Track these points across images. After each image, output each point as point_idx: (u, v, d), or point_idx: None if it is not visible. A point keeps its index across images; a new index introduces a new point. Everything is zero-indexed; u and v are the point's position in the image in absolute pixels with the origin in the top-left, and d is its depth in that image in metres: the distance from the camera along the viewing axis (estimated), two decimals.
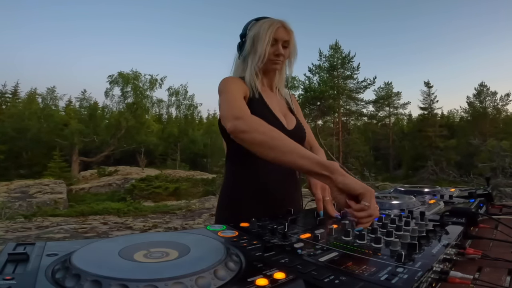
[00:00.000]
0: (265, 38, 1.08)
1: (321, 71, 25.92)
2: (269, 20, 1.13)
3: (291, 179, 1.20)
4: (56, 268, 0.42)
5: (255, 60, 1.12)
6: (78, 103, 28.90)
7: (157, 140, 27.70)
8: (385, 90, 31.39)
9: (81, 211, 8.93)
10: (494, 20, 50.11)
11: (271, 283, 0.41)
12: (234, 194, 1.14)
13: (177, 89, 29.57)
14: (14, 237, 5.63)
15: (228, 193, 1.16)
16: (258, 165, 1.10)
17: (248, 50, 1.14)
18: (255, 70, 1.13)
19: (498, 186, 8.10)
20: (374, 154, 31.10)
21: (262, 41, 1.09)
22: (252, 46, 1.12)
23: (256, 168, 1.11)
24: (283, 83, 1.28)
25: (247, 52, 1.14)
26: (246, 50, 1.14)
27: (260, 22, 1.13)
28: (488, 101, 29.26)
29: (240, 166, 1.13)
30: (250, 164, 1.11)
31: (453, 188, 1.47)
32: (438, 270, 0.54)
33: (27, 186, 13.60)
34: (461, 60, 54.98)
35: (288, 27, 1.14)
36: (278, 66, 1.16)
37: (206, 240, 0.56)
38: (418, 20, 53.30)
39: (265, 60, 1.11)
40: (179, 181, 16.72)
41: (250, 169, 1.11)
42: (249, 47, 1.13)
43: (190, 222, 7.32)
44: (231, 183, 1.16)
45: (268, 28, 1.09)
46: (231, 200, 1.14)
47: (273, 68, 1.16)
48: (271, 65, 1.14)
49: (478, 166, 13.24)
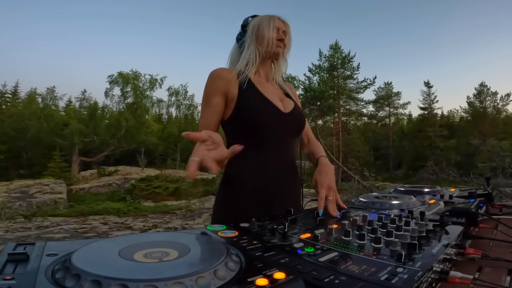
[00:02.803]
0: (269, 24, 1.18)
1: (321, 71, 25.90)
2: (267, 14, 1.23)
3: (291, 178, 1.20)
4: (56, 268, 0.42)
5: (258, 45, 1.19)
6: (78, 103, 29.02)
7: (157, 140, 27.72)
8: (385, 90, 31.39)
9: (81, 211, 8.93)
10: (494, 20, 50.16)
11: (271, 283, 0.41)
12: (231, 192, 1.14)
13: (177, 89, 29.65)
14: (14, 237, 5.63)
15: (225, 191, 1.16)
16: (258, 163, 1.11)
17: (249, 36, 1.20)
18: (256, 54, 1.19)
19: (498, 186, 8.09)
20: (374, 154, 31.09)
21: (266, 28, 1.18)
22: (256, 32, 1.19)
23: (256, 166, 1.11)
24: (280, 74, 1.31)
25: (249, 38, 1.20)
26: (248, 36, 1.21)
27: (259, 16, 1.23)
28: (488, 101, 29.25)
29: (238, 164, 1.12)
30: (249, 162, 1.11)
31: (453, 188, 1.47)
32: (438, 270, 0.54)
33: (27, 186, 13.60)
34: (461, 60, 55.04)
35: (285, 20, 1.24)
36: (280, 50, 1.21)
37: (206, 240, 0.56)
38: (418, 20, 53.34)
39: (270, 44, 1.17)
40: (179, 181, 16.70)
41: (249, 167, 1.11)
42: (251, 33, 1.20)
43: (190, 222, 7.32)
44: (229, 182, 1.15)
45: (270, 18, 1.20)
46: (229, 199, 1.14)
47: (275, 52, 1.20)
48: (274, 48, 1.19)
49: (478, 166, 13.26)
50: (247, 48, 1.20)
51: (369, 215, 0.83)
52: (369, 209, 0.98)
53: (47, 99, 27.45)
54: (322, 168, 1.08)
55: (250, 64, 1.18)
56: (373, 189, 11.41)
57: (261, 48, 1.19)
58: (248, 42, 1.21)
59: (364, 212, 0.92)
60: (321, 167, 1.09)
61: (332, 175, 1.06)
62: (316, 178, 1.04)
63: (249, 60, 1.18)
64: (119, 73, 25.50)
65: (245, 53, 1.20)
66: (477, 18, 51.04)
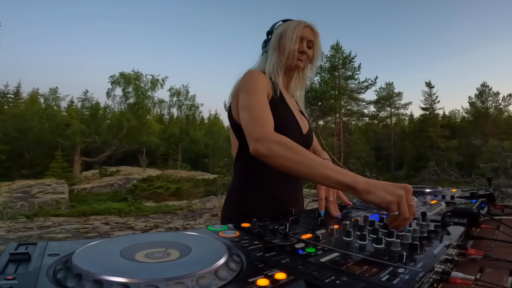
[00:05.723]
0: (292, 35, 1.10)
1: (322, 71, 25.86)
2: (296, 20, 1.15)
3: (298, 181, 1.20)
4: (58, 268, 0.42)
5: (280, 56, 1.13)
6: (80, 104, 29.06)
7: (158, 140, 27.78)
8: (386, 91, 31.32)
9: (82, 211, 8.93)
10: (496, 20, 50.01)
11: (272, 284, 0.41)
12: (243, 194, 1.12)
13: (179, 90, 29.65)
14: (16, 237, 5.64)
15: (236, 193, 1.14)
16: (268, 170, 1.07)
17: (273, 46, 1.14)
18: (278, 65, 1.13)
19: (500, 186, 8.07)
20: (375, 155, 31.05)
21: (288, 38, 1.10)
22: (279, 41, 1.13)
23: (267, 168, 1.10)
24: (304, 85, 1.26)
25: (272, 47, 1.15)
26: (270, 45, 1.15)
27: (288, 22, 1.16)
28: (490, 101, 29.17)
29: (251, 166, 1.09)
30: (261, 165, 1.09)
31: (455, 189, 1.47)
32: (440, 270, 0.54)
33: (29, 186, 13.65)
34: (463, 60, 54.92)
35: (315, 29, 1.16)
36: (301, 64, 1.15)
37: (207, 240, 0.56)
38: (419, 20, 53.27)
39: (290, 56, 1.11)
40: (180, 181, 16.74)
41: (261, 169, 1.08)
42: (274, 42, 1.14)
43: (191, 222, 7.32)
44: (241, 183, 1.13)
45: (295, 26, 1.11)
46: (240, 200, 1.12)
47: (296, 65, 1.14)
48: (295, 61, 1.13)
49: (480, 166, 13.21)
50: (270, 58, 1.14)
51: (370, 216, 0.83)
52: (371, 210, 0.98)
53: (49, 100, 27.48)
54: None
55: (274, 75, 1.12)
56: None
57: (282, 58, 1.13)
58: (270, 51, 1.15)
59: (365, 213, 0.92)
60: None
61: None
62: None
63: (270, 73, 1.12)
64: (120, 73, 25.58)
65: (269, 63, 1.14)
66: (479, 18, 50.97)
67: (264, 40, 1.20)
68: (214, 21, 60.71)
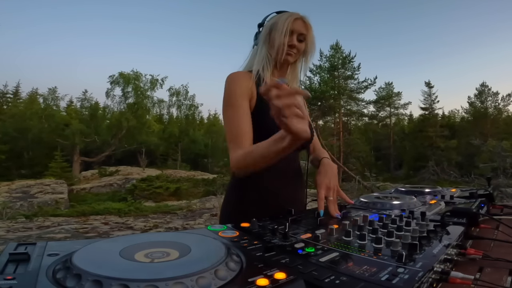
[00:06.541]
0: (282, 27, 1.06)
1: (322, 71, 25.88)
2: (288, 12, 1.11)
3: (298, 181, 1.20)
4: (57, 268, 0.42)
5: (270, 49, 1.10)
6: (79, 103, 29.05)
7: (158, 140, 27.74)
8: (385, 90, 31.37)
9: (82, 211, 8.93)
10: (495, 20, 50.06)
11: (272, 283, 0.41)
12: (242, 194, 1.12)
13: (178, 90, 29.65)
14: (15, 237, 5.63)
15: (235, 193, 1.14)
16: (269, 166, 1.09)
17: (262, 38, 1.12)
18: (267, 58, 1.11)
19: (499, 186, 8.07)
20: (375, 155, 31.08)
21: (278, 31, 1.07)
22: (268, 34, 1.10)
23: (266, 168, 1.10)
24: (297, 80, 1.22)
25: (262, 40, 1.12)
26: (260, 38, 1.12)
27: (280, 14, 1.12)
28: (489, 101, 29.24)
29: None
30: None
31: (454, 189, 1.47)
32: (439, 270, 0.54)
33: (28, 186, 13.63)
34: (462, 60, 55.04)
35: (307, 21, 1.12)
36: (290, 58, 1.11)
37: (206, 240, 0.56)
38: (419, 20, 53.29)
39: (279, 50, 1.07)
40: (180, 181, 16.73)
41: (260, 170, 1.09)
42: (265, 35, 1.11)
43: (191, 222, 7.32)
44: (240, 183, 1.13)
45: (286, 19, 1.07)
46: (239, 200, 1.12)
47: (285, 59, 1.11)
48: (284, 55, 1.09)
49: (479, 166, 13.21)
50: (259, 52, 1.12)
51: (370, 215, 0.83)
52: (370, 209, 0.98)
53: (49, 100, 27.47)
54: (322, 168, 1.08)
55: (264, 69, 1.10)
56: (374, 189, 11.40)
57: (272, 52, 1.10)
58: (260, 44, 1.13)
59: (365, 212, 0.92)
60: (322, 167, 1.08)
61: (332, 174, 1.04)
62: (316, 179, 1.03)
63: (262, 65, 1.10)
64: (120, 73, 25.54)
65: (258, 57, 1.12)
66: (478, 18, 51.03)
67: (256, 33, 1.18)
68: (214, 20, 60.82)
